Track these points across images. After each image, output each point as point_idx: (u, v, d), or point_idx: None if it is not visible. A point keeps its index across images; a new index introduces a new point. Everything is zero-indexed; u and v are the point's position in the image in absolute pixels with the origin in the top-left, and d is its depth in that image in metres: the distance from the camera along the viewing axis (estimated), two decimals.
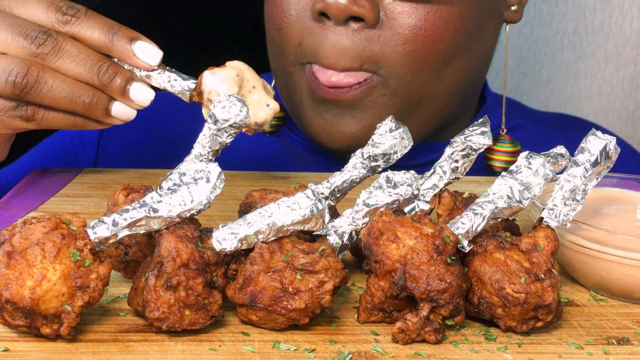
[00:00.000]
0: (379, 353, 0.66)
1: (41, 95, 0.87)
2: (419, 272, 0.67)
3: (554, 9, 2.02)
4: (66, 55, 0.87)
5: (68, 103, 0.88)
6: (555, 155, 0.79)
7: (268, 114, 0.91)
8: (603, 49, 2.02)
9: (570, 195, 0.76)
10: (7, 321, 0.65)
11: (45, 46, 0.86)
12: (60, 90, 0.87)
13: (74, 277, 0.64)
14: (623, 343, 0.70)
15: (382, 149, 0.82)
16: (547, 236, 0.72)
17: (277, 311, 0.67)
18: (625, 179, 0.94)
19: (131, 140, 1.32)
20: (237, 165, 1.25)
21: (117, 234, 0.66)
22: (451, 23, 1.05)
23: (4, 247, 0.64)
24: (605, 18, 2.00)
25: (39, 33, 0.86)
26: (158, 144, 1.32)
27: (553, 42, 2.04)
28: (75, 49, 0.87)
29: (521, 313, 0.69)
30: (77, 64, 0.87)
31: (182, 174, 0.69)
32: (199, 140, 0.80)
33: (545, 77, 2.07)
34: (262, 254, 0.68)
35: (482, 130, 0.82)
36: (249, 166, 1.26)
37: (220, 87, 0.88)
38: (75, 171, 1.14)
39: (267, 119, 0.91)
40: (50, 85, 0.86)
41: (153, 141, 1.32)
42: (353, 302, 0.75)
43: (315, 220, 0.70)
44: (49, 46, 0.86)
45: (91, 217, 0.69)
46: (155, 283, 0.66)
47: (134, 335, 0.67)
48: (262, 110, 0.91)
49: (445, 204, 0.81)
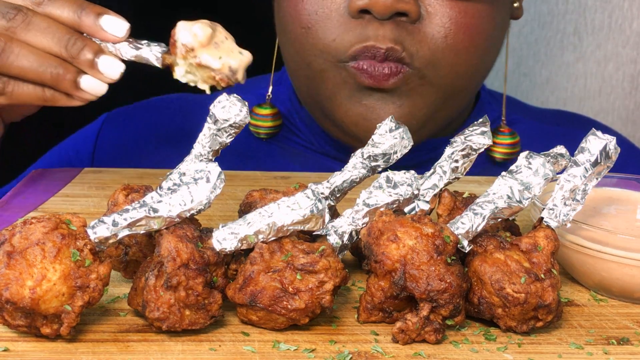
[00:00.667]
0: (379, 353, 0.66)
1: (8, 63, 0.88)
2: (419, 272, 0.67)
3: (554, 8, 2.02)
4: (35, 28, 0.88)
5: (36, 74, 0.89)
6: (555, 155, 0.79)
7: (242, 60, 0.90)
8: (603, 49, 2.02)
9: (571, 195, 0.76)
10: (7, 321, 0.65)
11: (15, 20, 0.88)
12: (28, 60, 0.88)
13: (74, 277, 0.64)
14: (623, 343, 0.70)
15: (382, 149, 0.82)
16: (547, 236, 0.72)
17: (277, 311, 0.67)
18: (625, 179, 0.94)
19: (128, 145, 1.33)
20: (236, 165, 1.26)
21: (117, 234, 0.66)
22: (487, 17, 1.09)
23: (4, 247, 0.64)
24: (605, 18, 2.00)
25: (10, 9, 0.88)
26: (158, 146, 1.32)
27: (553, 42, 2.04)
28: (44, 23, 0.89)
29: (521, 313, 0.69)
30: (46, 36, 0.88)
31: (182, 173, 0.69)
32: (198, 140, 0.80)
33: (545, 77, 2.07)
34: (262, 254, 0.68)
35: (482, 130, 0.82)
36: (248, 166, 1.26)
37: (193, 27, 0.88)
38: (75, 171, 1.14)
39: (240, 65, 0.89)
40: (16, 54, 0.88)
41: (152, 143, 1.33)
42: (353, 302, 0.75)
43: (315, 220, 0.70)
44: (18, 20, 0.88)
45: (91, 217, 0.69)
46: (155, 283, 0.66)
47: (134, 335, 0.67)
48: (236, 57, 0.90)
49: (445, 204, 0.81)
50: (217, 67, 0.87)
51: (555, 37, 2.04)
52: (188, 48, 0.86)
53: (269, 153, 1.28)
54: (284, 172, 1.19)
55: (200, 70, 0.88)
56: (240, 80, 0.90)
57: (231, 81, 0.89)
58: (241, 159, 1.26)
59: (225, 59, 0.87)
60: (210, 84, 0.89)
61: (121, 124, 1.33)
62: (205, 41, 0.86)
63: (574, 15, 2.01)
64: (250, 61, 0.91)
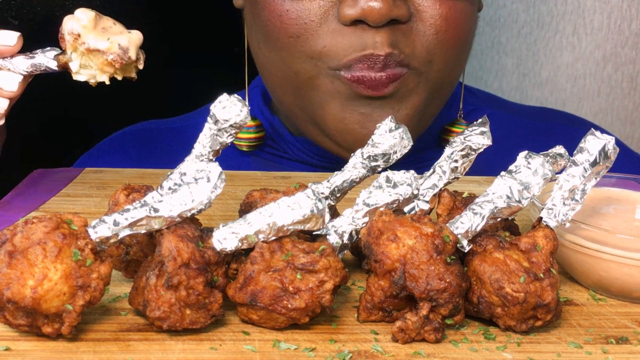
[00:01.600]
0: (379, 352, 0.66)
1: None
2: (419, 272, 0.67)
3: (553, 9, 2.02)
4: None
5: None
6: (554, 155, 0.79)
7: (131, 37, 0.89)
8: (602, 49, 2.03)
9: (570, 195, 0.76)
10: (9, 320, 0.65)
11: None
12: None
13: (75, 276, 0.64)
14: (622, 342, 0.70)
15: (381, 149, 0.82)
16: (547, 236, 0.72)
17: (277, 310, 0.67)
18: (624, 179, 0.94)
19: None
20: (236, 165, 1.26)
21: (118, 234, 0.67)
22: (470, 13, 1.11)
23: (6, 246, 0.64)
24: (604, 19, 2.01)
25: None
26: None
27: (552, 42, 2.05)
28: None
29: (520, 312, 0.69)
30: None
31: (183, 173, 0.69)
32: (199, 140, 0.80)
33: (545, 77, 2.07)
34: (263, 254, 0.69)
35: (482, 130, 0.82)
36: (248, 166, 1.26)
37: (75, 13, 0.87)
38: (76, 171, 1.14)
39: (131, 42, 0.88)
40: None
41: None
42: (353, 302, 0.76)
43: (315, 220, 0.71)
44: None
45: (92, 216, 0.69)
46: (156, 282, 0.66)
47: (135, 334, 0.68)
48: (124, 37, 0.89)
49: (444, 204, 0.81)
50: (106, 46, 0.86)
51: (555, 37, 2.04)
52: (75, 35, 0.86)
53: (250, 165, 1.28)
54: (284, 172, 1.19)
55: (93, 57, 0.87)
56: (132, 57, 0.89)
57: (124, 60, 0.88)
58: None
59: (113, 39, 0.86)
60: (108, 72, 0.88)
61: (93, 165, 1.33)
62: (90, 25, 0.86)
63: (573, 15, 2.02)
64: (141, 39, 0.90)
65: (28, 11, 1.70)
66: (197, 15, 1.88)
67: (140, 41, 0.89)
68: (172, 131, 1.36)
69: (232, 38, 1.31)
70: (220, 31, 1.78)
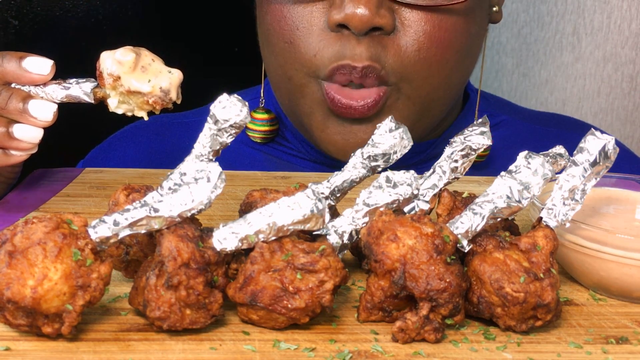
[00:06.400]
0: (379, 352, 0.66)
1: None
2: (419, 272, 0.67)
3: (553, 9, 2.03)
4: None
5: None
6: (554, 155, 0.79)
7: (172, 79, 0.88)
8: (602, 49, 2.03)
9: (570, 195, 0.76)
10: (9, 320, 0.65)
11: None
12: None
13: (75, 276, 0.64)
14: (622, 342, 0.70)
15: (381, 149, 0.82)
16: (547, 236, 0.72)
17: (277, 310, 0.67)
18: (624, 179, 0.94)
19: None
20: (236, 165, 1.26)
21: (118, 234, 0.67)
22: (461, 30, 1.08)
23: (6, 246, 0.64)
24: (604, 18, 2.01)
25: None
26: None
27: (552, 42, 2.05)
28: None
29: (520, 312, 0.69)
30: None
31: (183, 173, 0.69)
32: (199, 140, 0.80)
33: (545, 77, 2.08)
34: (263, 254, 0.69)
35: (482, 130, 0.82)
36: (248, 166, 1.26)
37: (115, 54, 0.86)
38: (76, 171, 1.14)
39: (172, 84, 0.88)
40: None
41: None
42: (353, 302, 0.76)
43: (315, 220, 0.71)
44: None
45: (92, 216, 0.69)
46: (156, 282, 0.66)
47: (135, 334, 0.68)
48: (165, 77, 0.88)
49: (444, 204, 0.81)
50: (147, 90, 0.85)
51: (554, 37, 2.04)
52: (114, 76, 0.85)
53: (260, 161, 1.28)
54: (284, 172, 1.19)
55: (133, 97, 0.86)
56: (174, 99, 0.89)
57: (165, 102, 0.87)
58: (233, 168, 1.26)
59: (154, 81, 0.86)
60: (147, 110, 0.88)
61: (101, 163, 1.32)
62: (130, 67, 0.85)
63: (573, 15, 2.02)
64: (181, 79, 0.89)
65: (28, 11, 1.70)
66: (209, 12, 1.88)
67: (180, 81, 0.89)
68: (183, 125, 1.35)
69: (245, 34, 1.30)
70: (234, 27, 1.79)
